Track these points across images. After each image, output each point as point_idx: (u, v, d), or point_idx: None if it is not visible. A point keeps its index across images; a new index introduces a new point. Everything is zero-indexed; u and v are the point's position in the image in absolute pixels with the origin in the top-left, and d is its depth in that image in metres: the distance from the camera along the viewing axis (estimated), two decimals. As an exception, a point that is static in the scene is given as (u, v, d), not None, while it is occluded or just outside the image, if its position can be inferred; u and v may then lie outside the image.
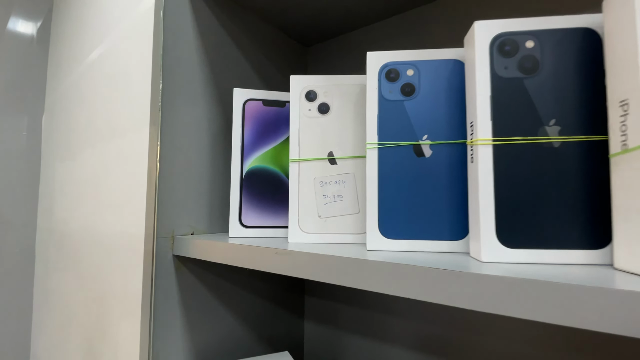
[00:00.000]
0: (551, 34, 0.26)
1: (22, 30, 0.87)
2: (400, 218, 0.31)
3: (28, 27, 0.88)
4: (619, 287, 0.18)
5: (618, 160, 0.22)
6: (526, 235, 0.25)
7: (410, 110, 0.31)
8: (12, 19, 0.85)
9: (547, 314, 0.19)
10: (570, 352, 0.40)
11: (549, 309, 0.19)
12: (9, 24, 0.84)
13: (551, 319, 0.19)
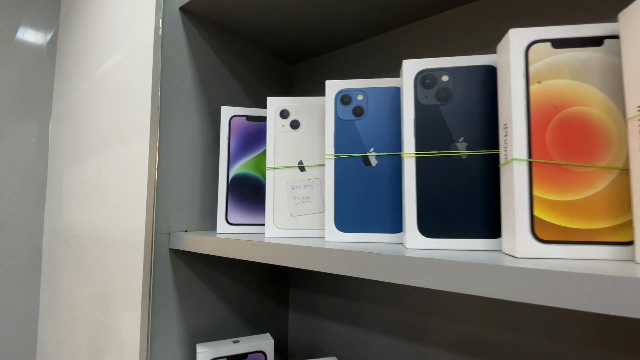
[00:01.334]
0: (462, 70, 0.33)
1: (31, 41, 0.94)
2: (351, 215, 0.38)
3: (38, 39, 0.96)
4: (499, 264, 0.25)
5: (503, 170, 0.30)
6: (440, 227, 0.32)
7: (359, 128, 0.39)
8: (21, 31, 0.92)
9: (456, 285, 0.26)
10: (493, 327, 0.47)
11: (457, 281, 0.26)
12: (20, 36, 0.92)
13: (456, 288, 0.26)
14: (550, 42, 0.27)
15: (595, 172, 0.26)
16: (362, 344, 0.61)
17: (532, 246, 0.27)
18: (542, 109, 0.27)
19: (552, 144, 0.27)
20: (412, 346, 0.55)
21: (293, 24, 0.59)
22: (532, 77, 0.27)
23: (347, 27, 0.60)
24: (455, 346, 0.51)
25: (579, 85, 0.27)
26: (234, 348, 0.50)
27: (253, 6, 0.54)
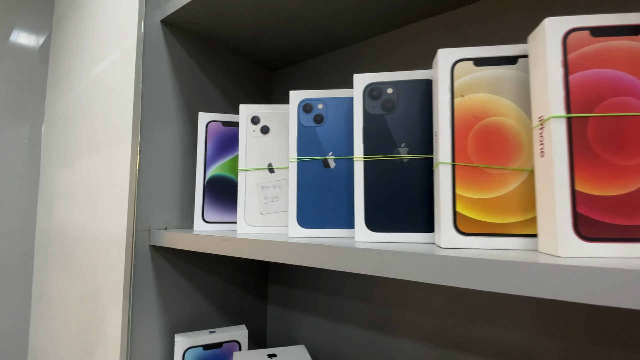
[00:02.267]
0: (404, 84, 0.37)
1: (25, 44, 0.97)
2: (312, 213, 0.42)
3: (31, 42, 0.99)
4: (432, 253, 0.29)
5: (434, 172, 0.34)
6: (385, 223, 0.36)
7: (320, 134, 0.43)
8: (15, 33, 0.95)
9: (392, 272, 0.30)
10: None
11: (393, 269, 0.30)
12: (13, 38, 0.95)
13: (393, 274, 0.30)
14: (473, 60, 0.32)
15: (508, 174, 0.30)
16: (336, 336, 0.65)
17: (454, 238, 0.31)
18: (465, 119, 0.31)
19: (473, 150, 0.31)
20: (382, 336, 0.59)
21: (270, 34, 0.63)
22: (457, 91, 0.32)
23: (321, 37, 0.65)
24: (421, 336, 0.55)
25: (496, 98, 0.31)
26: (210, 338, 0.54)
27: (230, 18, 0.58)
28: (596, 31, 0.26)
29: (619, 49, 0.26)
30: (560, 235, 0.25)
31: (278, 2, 0.54)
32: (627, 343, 0.41)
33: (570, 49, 0.26)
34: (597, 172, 0.25)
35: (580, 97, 0.26)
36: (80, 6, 0.81)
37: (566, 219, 0.25)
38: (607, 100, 0.26)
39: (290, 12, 0.56)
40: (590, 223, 0.25)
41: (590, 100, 0.26)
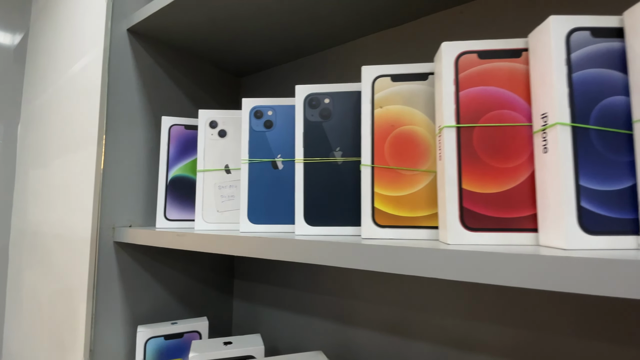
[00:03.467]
0: (339, 95, 0.42)
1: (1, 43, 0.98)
2: (262, 210, 0.46)
3: (6, 40, 1.00)
4: (360, 243, 0.33)
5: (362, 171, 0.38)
6: (321, 218, 0.41)
7: (269, 138, 0.47)
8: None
9: (324, 259, 0.34)
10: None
11: (325, 257, 0.34)
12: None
13: (324, 262, 0.34)
14: (390, 76, 0.36)
15: (418, 175, 0.35)
16: (300, 328, 0.69)
17: (373, 230, 0.35)
18: (383, 127, 0.36)
19: (389, 154, 0.36)
20: (342, 327, 0.63)
21: (236, 43, 0.67)
22: (376, 103, 0.36)
23: (286, 46, 0.69)
24: (379, 326, 0.59)
25: (409, 109, 0.36)
26: (171, 328, 0.57)
27: (196, 28, 0.62)
28: (483, 54, 0.31)
29: (502, 69, 0.31)
30: (450, 226, 0.30)
31: (243, 13, 0.58)
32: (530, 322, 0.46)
33: (461, 69, 0.31)
34: (480, 173, 0.30)
35: (468, 110, 0.31)
36: (55, 7, 0.84)
37: (454, 212, 0.30)
38: (490, 112, 0.30)
39: (256, 21, 0.60)
40: (473, 216, 0.30)
41: (476, 112, 0.31)
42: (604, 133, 0.26)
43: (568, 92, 0.27)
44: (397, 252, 0.30)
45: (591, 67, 0.27)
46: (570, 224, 0.26)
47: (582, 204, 0.26)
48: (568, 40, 0.27)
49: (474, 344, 0.50)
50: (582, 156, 0.26)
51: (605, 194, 0.26)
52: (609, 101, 0.27)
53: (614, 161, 0.26)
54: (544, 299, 0.46)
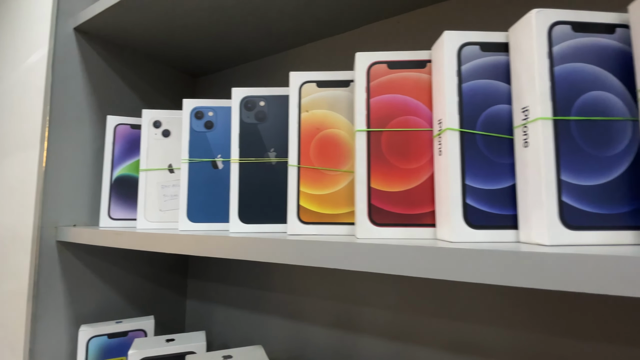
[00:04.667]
0: (274, 98, 0.44)
1: None
2: (201, 208, 0.47)
3: None
4: (284, 238, 0.35)
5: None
6: (255, 216, 0.42)
7: (210, 138, 0.48)
8: None
9: (257, 255, 0.36)
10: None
11: (257, 253, 0.36)
12: None
13: (257, 258, 0.36)
14: (316, 82, 0.39)
15: (340, 175, 0.38)
16: (253, 326, 0.70)
17: (298, 226, 0.37)
18: (308, 130, 0.38)
19: (314, 155, 0.38)
20: (294, 324, 0.65)
21: (190, 43, 0.68)
22: (303, 107, 0.38)
23: (243, 46, 0.70)
24: (327, 322, 0.61)
25: (333, 114, 0.38)
26: (116, 327, 0.57)
27: (146, 27, 0.62)
28: (392, 64, 0.34)
29: (408, 79, 0.34)
30: (359, 222, 0.33)
31: (197, 13, 0.59)
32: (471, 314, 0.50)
33: (372, 77, 0.34)
34: (386, 174, 0.33)
35: (377, 116, 0.33)
36: (1, 6, 0.82)
37: (363, 209, 0.33)
38: (397, 118, 0.33)
39: (211, 22, 0.61)
40: (380, 212, 0.32)
41: (384, 118, 0.33)
42: (489, 138, 0.30)
43: (457, 101, 0.30)
44: (313, 247, 0.32)
45: (479, 78, 0.30)
46: (457, 219, 0.29)
47: (467, 201, 0.29)
48: (459, 53, 0.30)
49: (413, 337, 0.53)
50: (469, 158, 0.29)
51: (489, 193, 0.29)
52: (494, 109, 0.30)
53: (497, 163, 0.29)
54: (469, 291, 0.49)
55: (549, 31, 0.27)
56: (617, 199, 0.26)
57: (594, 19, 0.27)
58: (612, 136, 0.26)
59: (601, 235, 0.25)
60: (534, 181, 0.26)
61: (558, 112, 0.26)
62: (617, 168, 0.26)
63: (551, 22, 0.27)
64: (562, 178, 0.26)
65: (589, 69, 0.27)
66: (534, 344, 0.45)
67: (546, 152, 0.26)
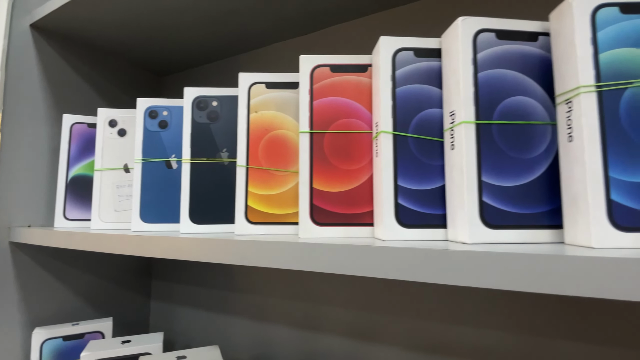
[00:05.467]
0: (227, 98, 0.44)
1: None
2: (155, 209, 0.47)
3: None
4: (231, 239, 0.35)
5: (242, 173, 0.41)
6: (206, 216, 0.42)
7: (164, 138, 0.48)
8: None
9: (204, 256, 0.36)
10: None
11: (205, 253, 0.36)
12: None
13: (205, 258, 0.36)
14: (265, 84, 0.39)
15: (288, 175, 0.38)
16: (217, 326, 0.70)
17: (245, 226, 0.38)
18: (257, 130, 0.39)
19: (263, 155, 0.38)
20: (257, 324, 0.65)
21: (154, 40, 0.67)
22: (252, 108, 0.39)
23: (209, 45, 0.70)
24: (291, 322, 0.61)
25: (281, 115, 0.39)
26: (72, 329, 0.56)
27: (107, 23, 0.61)
28: (334, 68, 0.35)
29: (350, 82, 0.34)
30: (301, 221, 0.33)
31: (161, 9, 0.58)
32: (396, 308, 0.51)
33: (315, 80, 0.34)
34: (328, 174, 0.34)
35: (320, 118, 0.34)
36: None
37: (306, 209, 0.33)
38: (338, 120, 0.34)
39: (176, 18, 0.61)
40: (322, 212, 0.33)
41: (327, 120, 0.34)
42: (421, 140, 0.31)
43: (391, 105, 0.31)
44: (255, 246, 0.32)
45: (413, 83, 0.31)
46: (389, 219, 0.30)
47: (399, 201, 0.30)
48: (394, 59, 0.31)
49: (374, 336, 0.54)
50: (401, 160, 0.30)
51: (420, 193, 0.30)
52: (426, 113, 0.31)
53: (428, 165, 0.30)
54: (424, 289, 0.51)
55: (474, 38, 0.28)
56: (535, 199, 0.27)
57: (518, 27, 0.28)
58: (532, 139, 0.27)
59: (520, 234, 0.27)
60: (458, 182, 0.28)
61: (480, 116, 0.27)
62: (536, 170, 0.27)
63: (476, 29, 0.28)
64: (483, 179, 0.27)
65: (512, 75, 0.28)
66: (496, 341, 0.46)
67: (468, 154, 0.27)
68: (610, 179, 0.23)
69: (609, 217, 0.23)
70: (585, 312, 0.41)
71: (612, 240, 0.23)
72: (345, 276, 0.57)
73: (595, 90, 0.24)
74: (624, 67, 0.24)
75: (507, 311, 0.45)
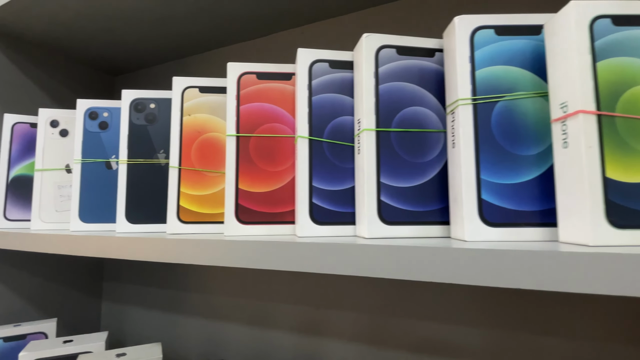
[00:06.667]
0: (164, 101, 0.45)
1: None
2: (95, 209, 0.48)
3: None
4: (164, 238, 0.36)
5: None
6: (142, 216, 0.44)
7: (104, 139, 0.49)
8: None
9: (138, 255, 0.37)
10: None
11: (138, 252, 0.37)
12: None
13: (139, 257, 0.37)
14: (198, 88, 0.41)
15: (220, 176, 0.40)
16: (169, 326, 0.70)
17: (177, 226, 0.39)
18: (190, 133, 0.40)
19: (195, 157, 0.40)
20: (210, 324, 0.66)
21: (105, 39, 0.67)
22: (185, 111, 0.40)
23: (163, 44, 0.70)
24: (243, 319, 0.63)
25: (214, 118, 0.41)
26: (13, 330, 0.56)
27: (55, 21, 0.61)
28: (260, 75, 0.37)
29: (275, 89, 0.37)
30: (227, 220, 0.35)
31: (113, 6, 0.58)
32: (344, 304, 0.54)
33: (242, 86, 0.36)
34: (253, 176, 0.36)
35: (246, 122, 0.36)
36: None
37: (231, 208, 0.35)
38: (264, 125, 0.36)
39: (128, 16, 0.61)
40: (247, 211, 0.35)
41: (253, 124, 0.36)
42: (334, 145, 0.33)
43: (308, 112, 0.33)
44: (182, 245, 0.34)
45: (327, 92, 0.34)
46: (304, 217, 0.32)
47: (313, 200, 0.32)
48: (310, 69, 0.34)
49: (322, 332, 0.57)
50: (316, 162, 0.33)
51: (333, 193, 0.33)
52: (339, 120, 0.34)
53: (341, 167, 0.33)
54: (366, 285, 0.54)
55: (377, 54, 0.31)
56: (428, 199, 0.30)
57: (417, 43, 0.32)
58: (426, 145, 0.31)
59: (413, 229, 0.30)
60: (361, 183, 0.30)
61: (380, 124, 0.30)
62: (429, 172, 0.31)
63: (379, 45, 0.31)
64: (381, 181, 0.30)
65: (410, 88, 0.31)
66: (434, 332, 0.50)
67: (369, 158, 0.30)
68: (481, 181, 0.27)
69: (480, 214, 0.26)
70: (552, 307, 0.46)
71: (482, 235, 0.26)
72: (293, 273, 0.60)
73: (472, 103, 0.27)
74: (497, 83, 0.27)
75: (443, 301, 0.49)
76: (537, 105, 0.27)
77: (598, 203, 0.22)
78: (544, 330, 0.43)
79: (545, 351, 0.43)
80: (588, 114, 0.23)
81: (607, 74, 0.23)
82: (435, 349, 0.48)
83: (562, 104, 0.24)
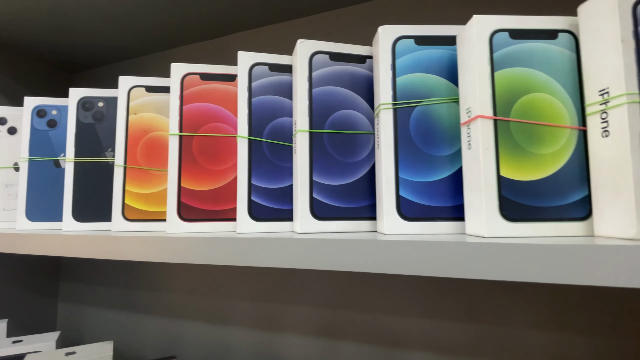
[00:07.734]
0: (113, 99, 0.45)
1: None
2: (43, 207, 0.47)
3: None
4: (109, 235, 0.37)
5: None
6: (90, 214, 0.44)
7: (52, 137, 0.48)
8: None
9: (83, 252, 0.37)
10: (209, 295, 0.62)
11: (83, 249, 0.37)
12: None
13: (85, 255, 0.37)
14: (145, 87, 0.41)
15: (165, 175, 0.41)
16: (127, 326, 0.70)
17: (122, 224, 0.40)
18: (136, 132, 0.41)
19: (141, 155, 0.41)
20: (167, 321, 0.66)
21: (61, 34, 0.66)
22: (131, 110, 0.41)
23: (119, 45, 0.69)
24: (200, 316, 0.63)
25: (160, 117, 0.41)
26: (-43, 333, 0.54)
27: (5, 15, 0.59)
28: (204, 76, 0.38)
29: (218, 90, 0.38)
30: (169, 218, 0.36)
31: (51, 8, 0.57)
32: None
33: (185, 87, 0.37)
34: (197, 174, 0.37)
35: (190, 122, 0.37)
36: None
37: (173, 206, 0.36)
38: (207, 124, 0.37)
39: (85, 11, 0.60)
40: (189, 209, 0.36)
41: (196, 124, 0.37)
42: (273, 145, 0.35)
43: (247, 113, 0.35)
44: (128, 242, 0.35)
45: (267, 94, 0.35)
46: (243, 214, 0.34)
47: (252, 198, 0.34)
48: (250, 72, 0.35)
49: (278, 326, 0.58)
50: (255, 162, 0.34)
51: (272, 191, 0.34)
52: (278, 121, 0.35)
53: (280, 166, 0.35)
54: (324, 279, 0.56)
55: (310, 59, 0.32)
56: (358, 196, 0.32)
57: (349, 50, 0.34)
58: (356, 146, 0.33)
59: (344, 224, 0.32)
60: (295, 181, 0.32)
61: (314, 126, 0.32)
62: (359, 171, 0.33)
63: (312, 51, 0.33)
64: (314, 179, 0.32)
65: (341, 92, 0.33)
66: (394, 323, 0.52)
67: (302, 158, 0.32)
68: (400, 179, 0.29)
69: (398, 210, 0.28)
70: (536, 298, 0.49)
71: (400, 228, 0.28)
72: (251, 269, 0.61)
73: (392, 107, 0.29)
74: (415, 89, 0.30)
75: (389, 294, 0.52)
76: (451, 111, 0.30)
77: (493, 199, 0.25)
78: (478, 319, 0.47)
79: (481, 338, 0.46)
80: (485, 119, 0.25)
81: (504, 82, 0.26)
82: (385, 339, 0.51)
83: (468, 109, 0.27)
